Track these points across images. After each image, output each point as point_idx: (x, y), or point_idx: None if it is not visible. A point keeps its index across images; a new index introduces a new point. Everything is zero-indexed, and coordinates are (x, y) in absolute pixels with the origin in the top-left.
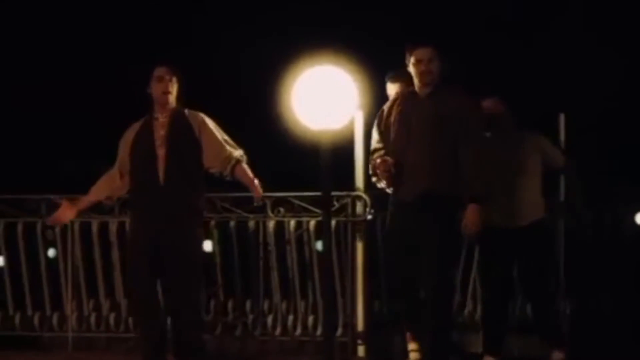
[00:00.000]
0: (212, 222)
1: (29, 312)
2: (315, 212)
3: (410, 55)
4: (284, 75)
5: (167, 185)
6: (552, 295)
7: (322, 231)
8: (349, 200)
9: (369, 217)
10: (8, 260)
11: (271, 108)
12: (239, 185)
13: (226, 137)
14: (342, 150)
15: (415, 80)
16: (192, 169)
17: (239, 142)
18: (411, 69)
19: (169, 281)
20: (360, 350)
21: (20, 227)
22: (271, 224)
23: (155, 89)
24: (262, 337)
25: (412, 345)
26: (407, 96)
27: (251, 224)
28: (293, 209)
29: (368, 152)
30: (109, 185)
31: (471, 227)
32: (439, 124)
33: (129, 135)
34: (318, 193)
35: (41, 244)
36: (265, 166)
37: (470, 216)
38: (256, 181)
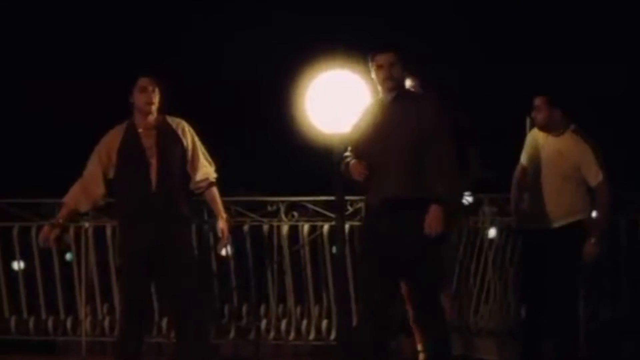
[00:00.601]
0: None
1: (43, 316)
2: (330, 216)
3: (372, 61)
4: (297, 79)
5: (159, 192)
6: (573, 302)
7: (336, 235)
8: (362, 204)
9: None
10: (24, 264)
11: (285, 112)
12: (254, 188)
13: (204, 150)
14: None
15: (379, 87)
16: (180, 176)
17: (257, 146)
18: (373, 75)
19: (170, 284)
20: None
21: (34, 231)
22: (285, 228)
23: (138, 99)
24: (275, 341)
25: (420, 346)
26: (376, 101)
27: (265, 228)
28: (307, 213)
29: None
30: (90, 194)
31: (432, 228)
32: (403, 128)
33: (111, 142)
34: (332, 197)
35: (55, 248)
36: (279, 169)
37: (432, 216)
38: (224, 217)
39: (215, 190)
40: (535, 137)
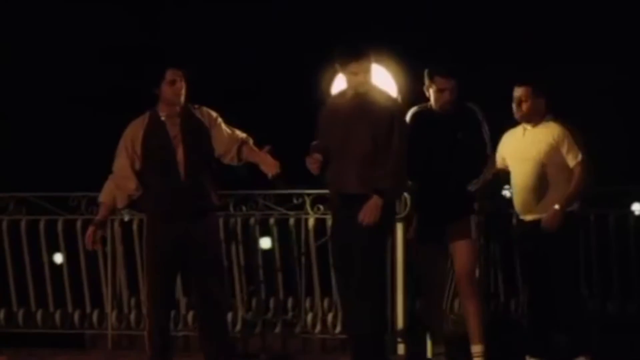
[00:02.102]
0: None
1: (70, 309)
2: None
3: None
4: (324, 73)
5: (188, 182)
6: (577, 294)
7: None
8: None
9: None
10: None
11: (311, 104)
12: (293, 181)
13: (228, 126)
14: None
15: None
16: (208, 164)
17: (280, 138)
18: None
19: (195, 281)
20: (400, 349)
21: (60, 225)
22: (311, 221)
23: (168, 91)
24: (303, 335)
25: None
26: (337, 97)
27: (291, 221)
28: None
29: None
30: (123, 189)
31: (366, 217)
32: (360, 122)
33: (134, 134)
34: None
35: (81, 242)
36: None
37: (368, 207)
38: (267, 155)
39: (250, 145)
40: (513, 135)
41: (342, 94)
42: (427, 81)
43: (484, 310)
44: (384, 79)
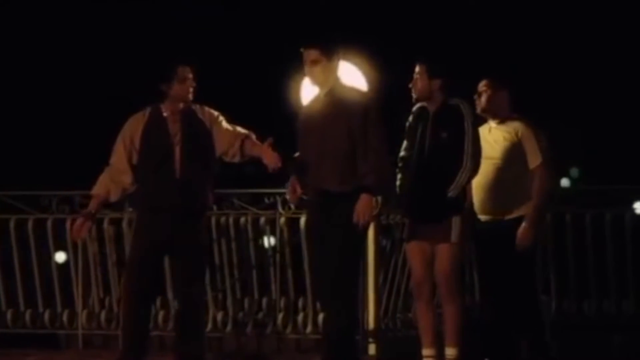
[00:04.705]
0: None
1: (40, 309)
2: None
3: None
4: (294, 71)
5: (183, 180)
6: (535, 295)
7: None
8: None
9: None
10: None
11: (280, 103)
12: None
13: (232, 125)
14: None
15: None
16: (205, 164)
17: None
18: (305, 70)
19: (181, 274)
20: (371, 349)
21: (30, 224)
22: (282, 221)
23: (179, 88)
24: (276, 335)
25: (426, 352)
26: (314, 97)
27: (262, 220)
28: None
29: None
30: (118, 182)
31: (361, 217)
32: (332, 122)
33: (134, 129)
34: None
35: (51, 242)
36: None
37: (360, 206)
38: (269, 149)
39: (251, 141)
40: (481, 133)
41: (315, 98)
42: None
43: (462, 313)
44: (353, 76)
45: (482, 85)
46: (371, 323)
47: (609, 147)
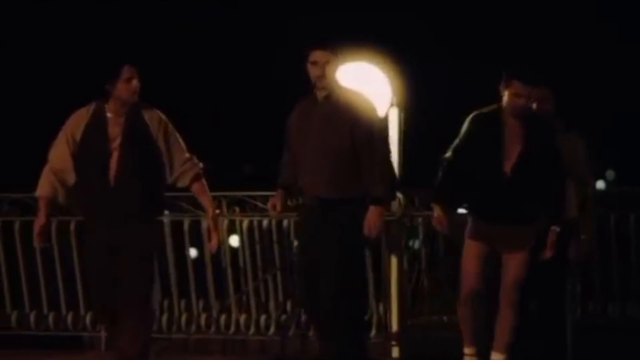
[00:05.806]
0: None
1: (63, 311)
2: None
3: (308, 57)
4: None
5: (117, 188)
6: (560, 300)
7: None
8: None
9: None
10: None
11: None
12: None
13: (181, 141)
14: None
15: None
16: (146, 169)
17: (273, 140)
18: (309, 70)
19: (123, 284)
20: (395, 352)
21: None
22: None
23: (123, 89)
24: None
25: (468, 350)
26: (307, 100)
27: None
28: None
29: (403, 149)
30: (64, 182)
31: (372, 229)
32: (333, 127)
33: (77, 125)
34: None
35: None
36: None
37: (371, 218)
38: (209, 213)
39: (200, 184)
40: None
41: (312, 97)
42: (504, 82)
43: (518, 321)
44: (378, 81)
45: (544, 94)
46: (394, 325)
47: None
